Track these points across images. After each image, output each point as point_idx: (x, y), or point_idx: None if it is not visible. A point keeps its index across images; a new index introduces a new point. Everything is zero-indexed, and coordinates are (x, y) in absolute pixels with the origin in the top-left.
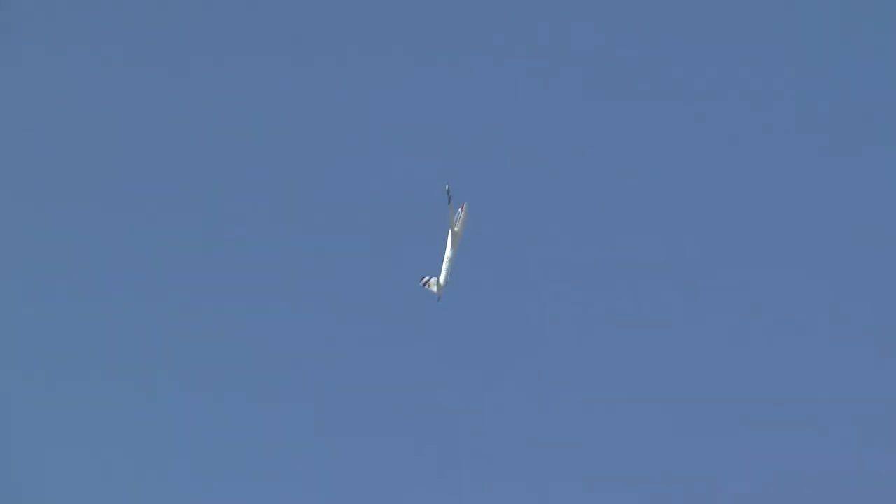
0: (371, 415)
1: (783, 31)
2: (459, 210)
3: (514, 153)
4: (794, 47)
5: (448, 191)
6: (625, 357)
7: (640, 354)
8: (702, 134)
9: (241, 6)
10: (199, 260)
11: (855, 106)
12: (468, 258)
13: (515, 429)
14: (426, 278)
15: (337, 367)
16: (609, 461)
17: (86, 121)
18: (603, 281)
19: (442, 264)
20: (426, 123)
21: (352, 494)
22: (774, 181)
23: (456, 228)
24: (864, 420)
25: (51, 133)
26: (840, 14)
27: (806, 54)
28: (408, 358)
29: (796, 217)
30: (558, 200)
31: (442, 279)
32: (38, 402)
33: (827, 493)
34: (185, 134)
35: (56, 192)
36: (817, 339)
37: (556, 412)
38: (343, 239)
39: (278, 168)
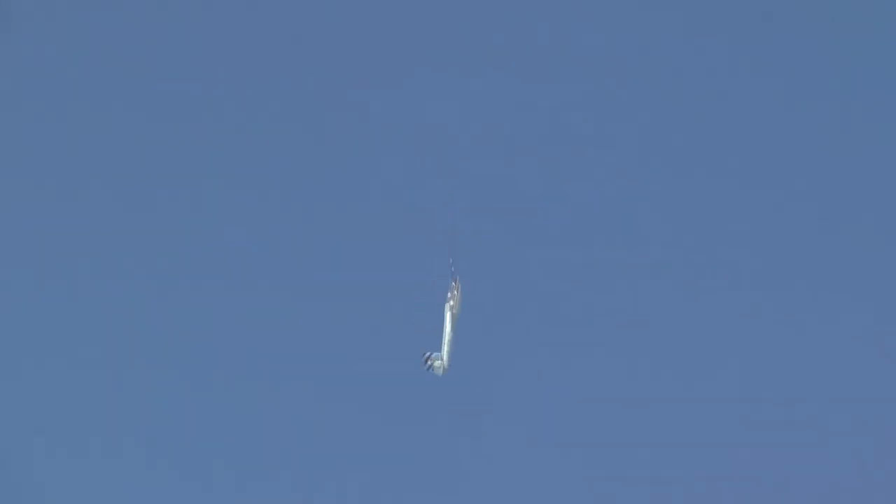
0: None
1: (784, 31)
2: (453, 284)
3: (512, 158)
4: (795, 46)
5: (452, 270)
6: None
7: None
8: (703, 135)
9: (241, 6)
10: (197, 262)
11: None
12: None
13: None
14: (428, 357)
15: (332, 371)
16: None
17: (85, 120)
18: (602, 282)
19: (443, 341)
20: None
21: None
22: (774, 183)
23: (453, 308)
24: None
25: (51, 133)
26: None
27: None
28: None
29: (797, 219)
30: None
31: (445, 358)
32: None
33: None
34: (185, 134)
35: (56, 192)
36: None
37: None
38: (343, 243)
39: (279, 171)
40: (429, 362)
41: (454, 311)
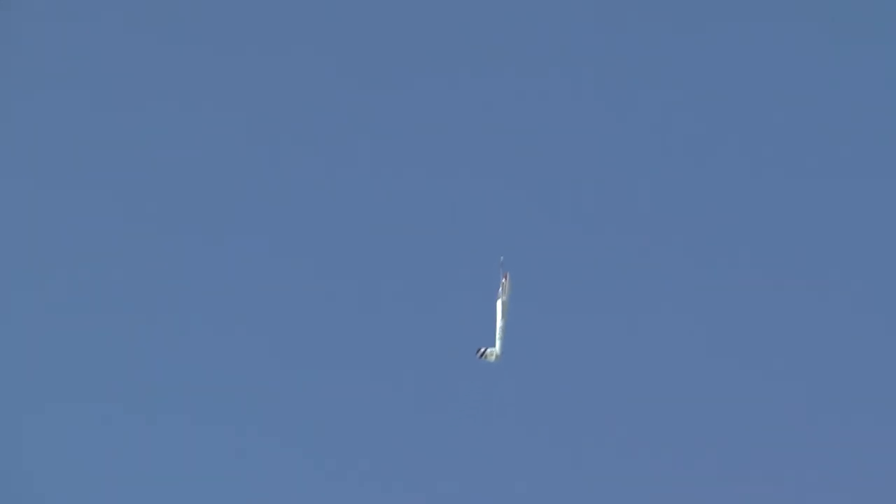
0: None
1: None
2: (503, 280)
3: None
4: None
5: (502, 264)
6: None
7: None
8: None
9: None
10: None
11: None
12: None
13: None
14: (482, 350)
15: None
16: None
17: (86, 119)
18: (603, 282)
19: (496, 333)
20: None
21: None
22: (776, 185)
23: (504, 299)
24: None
25: (52, 129)
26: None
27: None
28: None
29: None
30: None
31: (497, 348)
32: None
33: None
34: (185, 135)
35: (54, 193)
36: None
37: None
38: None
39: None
40: (483, 355)
41: (504, 302)
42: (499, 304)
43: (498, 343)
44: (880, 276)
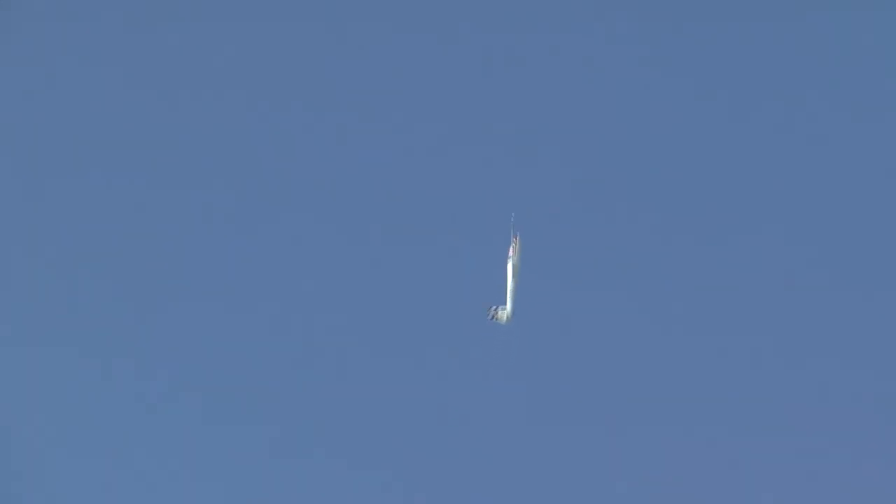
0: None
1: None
2: (513, 241)
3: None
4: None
5: (513, 225)
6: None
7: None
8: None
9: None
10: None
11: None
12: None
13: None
14: (493, 309)
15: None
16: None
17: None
18: (602, 279)
19: (506, 294)
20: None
21: None
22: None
23: (514, 260)
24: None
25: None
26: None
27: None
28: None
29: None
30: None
31: (508, 309)
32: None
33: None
34: (185, 135)
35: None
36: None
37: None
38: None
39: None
40: (493, 315)
41: (515, 263)
42: (509, 265)
43: (509, 304)
44: (880, 276)
